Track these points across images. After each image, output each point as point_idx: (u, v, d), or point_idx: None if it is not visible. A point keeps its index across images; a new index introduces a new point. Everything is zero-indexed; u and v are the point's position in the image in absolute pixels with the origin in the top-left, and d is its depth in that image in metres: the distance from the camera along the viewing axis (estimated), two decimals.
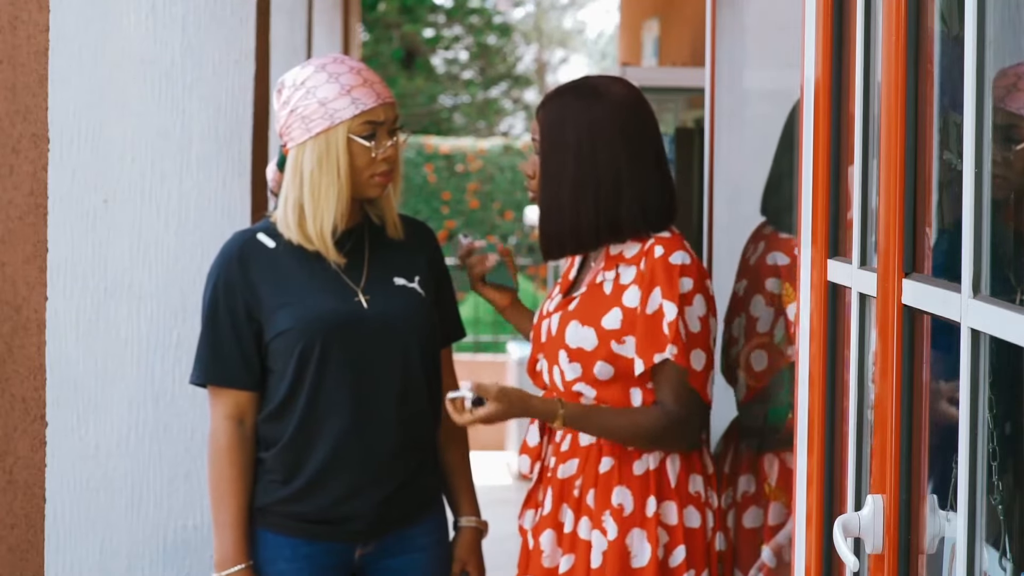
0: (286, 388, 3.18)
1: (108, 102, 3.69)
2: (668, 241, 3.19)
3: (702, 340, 3.17)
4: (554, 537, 3.25)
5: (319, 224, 3.16)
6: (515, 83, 24.33)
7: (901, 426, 2.17)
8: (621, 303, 3.19)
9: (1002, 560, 2.05)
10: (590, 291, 3.25)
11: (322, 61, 3.20)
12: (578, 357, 3.20)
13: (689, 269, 3.17)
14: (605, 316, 3.19)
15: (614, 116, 3.21)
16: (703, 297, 3.18)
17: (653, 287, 3.16)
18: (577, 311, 3.24)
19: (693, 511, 3.23)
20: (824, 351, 2.55)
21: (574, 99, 3.23)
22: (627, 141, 3.21)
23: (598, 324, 3.19)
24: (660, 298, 3.15)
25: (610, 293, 3.21)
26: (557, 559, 3.24)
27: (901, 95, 2.15)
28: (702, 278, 3.20)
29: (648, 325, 3.16)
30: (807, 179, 2.62)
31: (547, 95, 3.30)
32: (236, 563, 3.17)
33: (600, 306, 3.21)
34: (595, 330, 3.19)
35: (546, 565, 3.24)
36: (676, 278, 3.15)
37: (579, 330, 3.21)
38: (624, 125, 3.21)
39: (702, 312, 3.18)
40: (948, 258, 2.05)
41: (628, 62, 9.74)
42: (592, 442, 3.22)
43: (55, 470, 3.63)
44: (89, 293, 3.67)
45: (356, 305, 3.19)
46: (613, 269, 3.22)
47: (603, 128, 3.20)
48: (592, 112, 3.21)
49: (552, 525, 3.25)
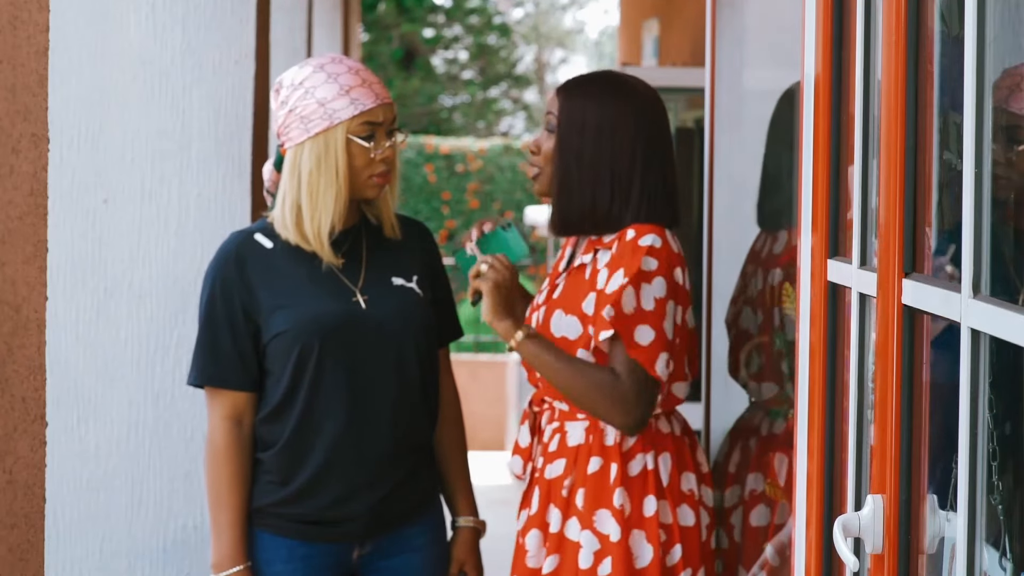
0: (284, 389, 3.18)
1: (108, 102, 3.69)
2: (643, 226, 3.19)
3: (653, 319, 3.14)
4: (539, 537, 3.25)
5: (317, 224, 3.16)
6: (515, 83, 24.33)
7: (901, 426, 2.17)
8: (595, 287, 3.20)
9: (1002, 560, 2.05)
10: (571, 276, 3.27)
11: (320, 61, 3.19)
12: (563, 346, 3.20)
13: (657, 251, 3.16)
14: (584, 302, 3.20)
15: (637, 117, 3.24)
16: (665, 281, 3.15)
17: (618, 268, 3.16)
18: (561, 299, 3.25)
19: (687, 509, 3.23)
20: (824, 351, 2.55)
21: (600, 88, 3.26)
22: (645, 139, 3.23)
23: (580, 311, 3.20)
24: (621, 277, 3.15)
25: (588, 278, 3.22)
26: (541, 560, 3.23)
27: (901, 95, 2.15)
28: (671, 263, 3.17)
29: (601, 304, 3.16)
30: (807, 179, 2.62)
31: (574, 78, 3.33)
32: (234, 564, 3.17)
33: (580, 292, 3.22)
34: (578, 318, 3.20)
35: (530, 565, 3.24)
36: (640, 256, 3.14)
37: (563, 319, 3.22)
38: (644, 123, 3.24)
39: (660, 294, 3.15)
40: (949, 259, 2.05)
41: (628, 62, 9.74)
42: (581, 442, 3.22)
43: (55, 470, 3.63)
44: (89, 293, 3.68)
45: (354, 306, 3.19)
46: (591, 252, 3.24)
47: (625, 125, 3.22)
48: (617, 104, 3.23)
49: (538, 525, 3.25)
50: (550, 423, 3.29)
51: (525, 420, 3.38)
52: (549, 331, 3.23)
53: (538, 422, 3.34)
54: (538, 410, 3.35)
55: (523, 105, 24.34)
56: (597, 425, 3.22)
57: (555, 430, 3.27)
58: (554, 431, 3.27)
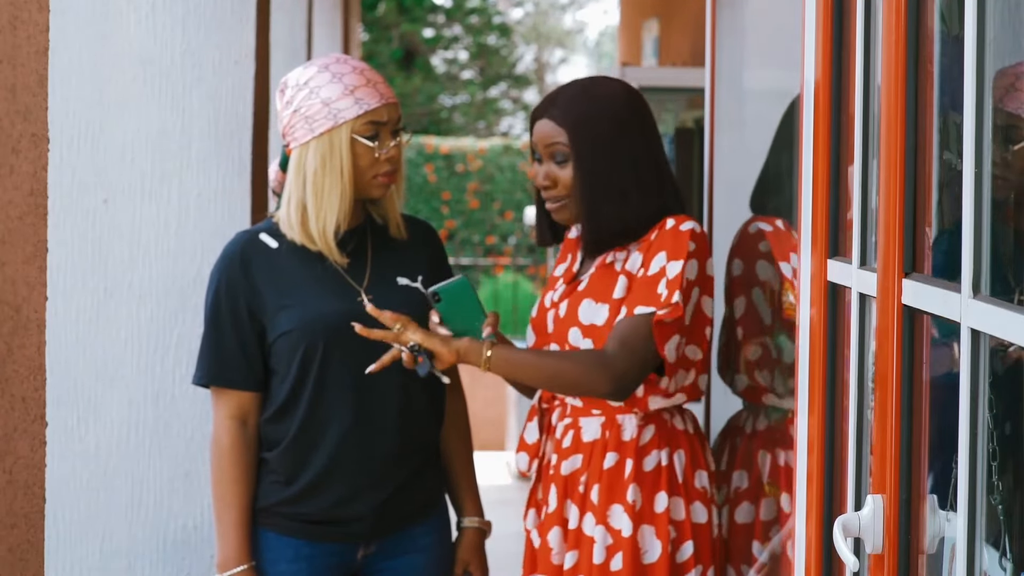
0: (288, 389, 3.18)
1: (108, 102, 3.69)
2: (680, 216, 3.20)
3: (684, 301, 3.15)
4: (560, 534, 3.25)
5: (322, 224, 3.16)
6: (515, 83, 24.33)
7: (901, 426, 2.17)
8: (625, 270, 3.20)
9: (1002, 560, 2.05)
10: (600, 271, 3.25)
11: (325, 61, 3.20)
12: (590, 333, 3.19)
13: (697, 236, 3.17)
14: (615, 289, 3.20)
15: (629, 107, 3.25)
16: (698, 266, 3.17)
17: (659, 250, 3.16)
18: (588, 289, 3.24)
19: (700, 507, 3.24)
20: (824, 351, 2.55)
21: (587, 98, 3.25)
22: (648, 136, 3.25)
23: (610, 298, 3.19)
24: (665, 260, 3.14)
25: (620, 269, 3.22)
26: (564, 556, 3.24)
27: (901, 95, 2.15)
28: (705, 253, 3.19)
29: (645, 284, 3.15)
30: (807, 179, 2.62)
31: (554, 100, 3.26)
32: (238, 564, 3.17)
33: (611, 282, 3.21)
34: (608, 305, 3.19)
35: (555, 563, 3.25)
36: (685, 240, 3.15)
37: (592, 306, 3.21)
38: (640, 113, 3.25)
39: (692, 276, 3.16)
40: (948, 258, 2.05)
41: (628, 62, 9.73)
42: (596, 437, 3.23)
43: (55, 470, 3.63)
44: (89, 293, 3.68)
45: (359, 305, 3.19)
46: (625, 250, 3.23)
47: (626, 118, 3.23)
48: (610, 106, 3.23)
49: (559, 522, 3.26)
50: (562, 419, 3.29)
51: (533, 417, 3.36)
52: (576, 319, 3.22)
53: (548, 419, 3.34)
54: (547, 407, 3.35)
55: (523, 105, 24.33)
56: (613, 420, 3.22)
57: (568, 426, 3.27)
58: (567, 427, 3.27)
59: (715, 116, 4.24)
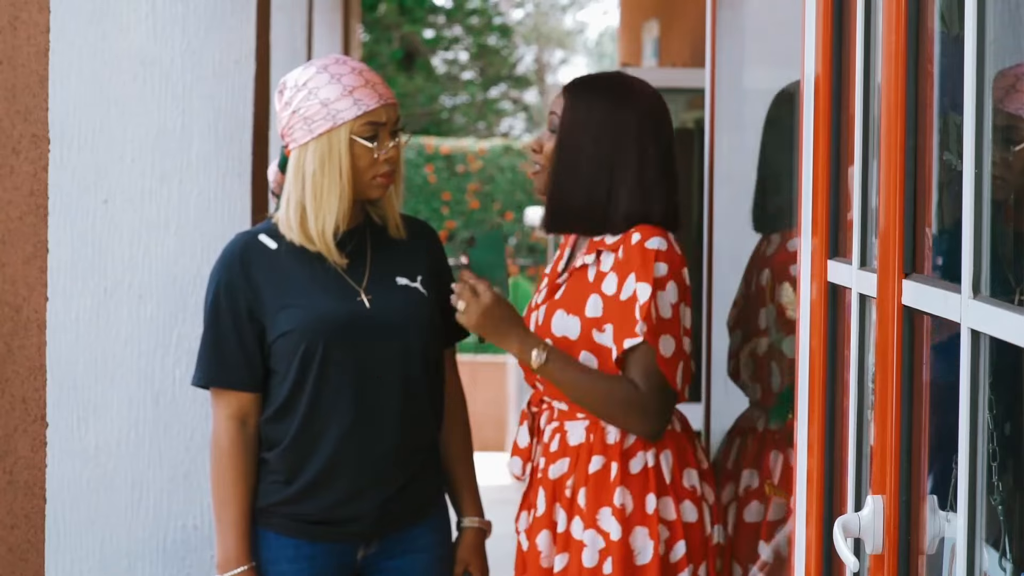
0: (288, 389, 3.18)
1: (108, 102, 3.69)
2: (647, 228, 3.20)
3: (672, 327, 3.17)
4: (549, 537, 3.25)
5: (321, 225, 3.16)
6: (515, 84, 24.33)
7: (901, 426, 2.17)
8: (600, 290, 3.20)
9: (1002, 560, 2.05)
10: (573, 277, 3.28)
11: (324, 62, 3.20)
12: (563, 346, 3.21)
13: (665, 255, 3.18)
14: (587, 304, 3.21)
15: (641, 120, 3.25)
16: (676, 285, 3.18)
17: (628, 272, 3.17)
18: (563, 299, 3.26)
19: (690, 506, 3.24)
20: (824, 351, 2.55)
21: (606, 89, 3.28)
22: (648, 142, 3.25)
23: (582, 313, 3.21)
24: (634, 282, 3.16)
25: (592, 280, 3.23)
26: (553, 559, 3.25)
27: (901, 95, 2.15)
28: (678, 266, 3.20)
29: (622, 311, 3.17)
30: (807, 179, 2.62)
31: (580, 78, 3.34)
32: (239, 564, 3.17)
33: (583, 294, 3.23)
34: (579, 319, 3.21)
35: (544, 566, 3.25)
36: (651, 262, 3.16)
37: (565, 319, 3.23)
38: (648, 127, 3.26)
39: (674, 299, 3.18)
40: (948, 258, 2.05)
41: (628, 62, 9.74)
42: (582, 441, 3.23)
43: (55, 470, 3.63)
44: (89, 293, 3.67)
45: (358, 305, 3.19)
46: (594, 253, 3.24)
47: (628, 127, 3.23)
48: (621, 110, 3.24)
49: (547, 525, 3.26)
50: (549, 423, 3.30)
51: (524, 421, 3.38)
52: (550, 331, 3.23)
53: (537, 423, 3.35)
54: (536, 411, 3.36)
55: (523, 106, 24.34)
56: (598, 424, 3.22)
57: (555, 430, 3.28)
58: (554, 431, 3.28)
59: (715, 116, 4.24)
